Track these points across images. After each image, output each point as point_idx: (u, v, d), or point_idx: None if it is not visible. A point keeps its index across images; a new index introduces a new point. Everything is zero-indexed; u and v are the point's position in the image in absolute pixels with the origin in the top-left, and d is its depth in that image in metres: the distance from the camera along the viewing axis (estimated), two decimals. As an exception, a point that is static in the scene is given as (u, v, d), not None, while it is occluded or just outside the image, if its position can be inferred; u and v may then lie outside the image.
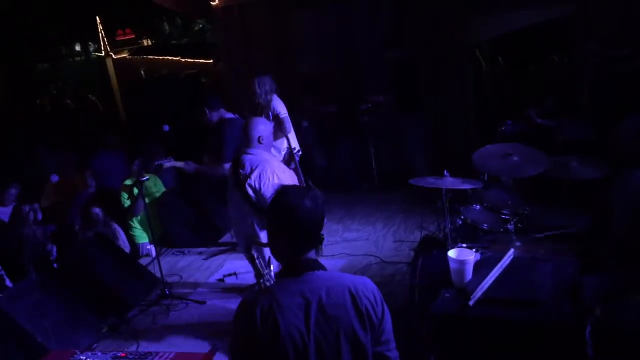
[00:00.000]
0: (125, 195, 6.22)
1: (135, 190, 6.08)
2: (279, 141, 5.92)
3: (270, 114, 5.73)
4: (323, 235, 4.38)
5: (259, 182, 3.95)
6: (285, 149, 5.64)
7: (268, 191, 3.90)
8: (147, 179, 5.73)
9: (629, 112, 3.37)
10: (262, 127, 4.09)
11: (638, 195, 3.03)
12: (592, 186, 3.93)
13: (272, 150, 5.68)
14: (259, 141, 4.05)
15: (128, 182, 6.26)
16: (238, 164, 4.03)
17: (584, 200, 4.04)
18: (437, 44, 6.97)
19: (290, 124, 5.71)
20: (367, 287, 1.95)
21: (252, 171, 3.96)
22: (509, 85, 7.11)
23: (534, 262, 3.24)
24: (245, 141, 4.08)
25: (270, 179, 3.95)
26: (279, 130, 5.73)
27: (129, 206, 6.19)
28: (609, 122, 3.72)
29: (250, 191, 3.94)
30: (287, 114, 5.75)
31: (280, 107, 5.73)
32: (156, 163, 4.70)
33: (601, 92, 5.91)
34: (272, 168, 4.00)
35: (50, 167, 6.81)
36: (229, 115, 4.74)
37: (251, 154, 4.03)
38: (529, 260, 3.28)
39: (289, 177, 4.05)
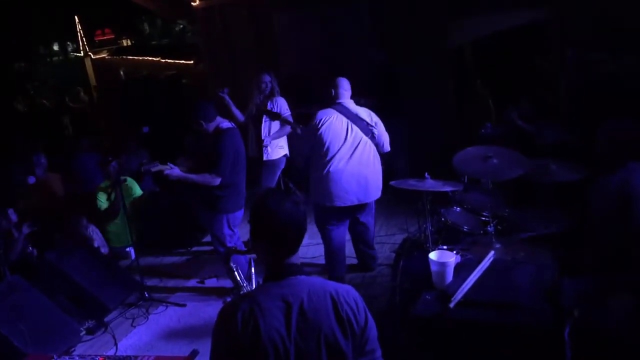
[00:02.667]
0: (103, 198, 6.14)
1: (113, 194, 6.02)
2: (282, 139, 6.04)
3: (276, 109, 5.87)
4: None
5: (379, 124, 4.78)
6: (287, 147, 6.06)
7: (383, 130, 4.79)
8: (125, 181, 5.66)
9: (606, 117, 3.41)
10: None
11: (614, 200, 3.07)
12: (571, 189, 3.97)
13: (277, 147, 5.97)
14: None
15: (104, 184, 6.18)
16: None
17: (563, 203, 4.09)
18: (417, 47, 7.01)
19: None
20: (349, 294, 1.95)
21: (370, 117, 4.72)
22: (489, 88, 7.16)
23: (513, 264, 3.27)
24: (338, 95, 4.76)
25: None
26: (281, 128, 5.90)
27: (107, 209, 6.11)
28: (587, 125, 3.77)
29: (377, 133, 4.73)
30: (290, 113, 5.96)
31: (285, 106, 5.94)
32: (144, 168, 4.63)
33: (579, 95, 5.98)
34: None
35: (24, 168, 6.69)
36: (226, 124, 4.63)
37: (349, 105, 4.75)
38: (508, 262, 3.32)
39: None
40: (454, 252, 3.36)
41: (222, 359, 1.89)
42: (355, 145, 4.66)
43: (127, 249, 6.18)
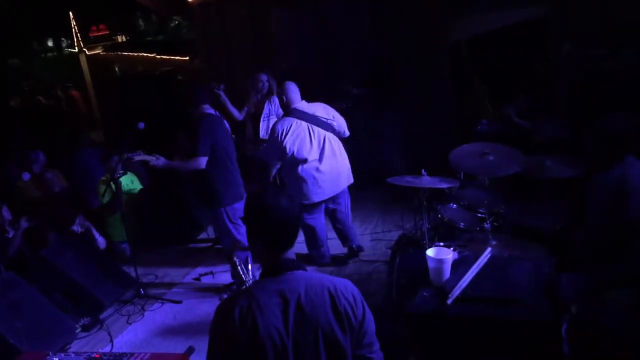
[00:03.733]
0: (102, 190, 6.09)
1: (113, 187, 5.98)
2: None
3: (274, 110, 5.92)
4: None
5: (336, 115, 5.03)
6: None
7: (341, 119, 5.07)
8: (122, 175, 5.62)
9: (602, 114, 3.42)
10: None
11: (613, 194, 3.08)
12: (568, 185, 3.98)
13: None
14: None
15: (106, 177, 6.14)
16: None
17: (560, 199, 4.09)
18: (415, 43, 7.01)
19: None
20: (347, 288, 1.95)
21: (326, 112, 4.98)
22: (486, 87, 7.16)
23: (510, 260, 3.27)
24: (290, 100, 4.90)
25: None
26: None
27: (107, 202, 6.07)
28: (584, 122, 3.77)
29: (336, 125, 5.00)
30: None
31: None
32: (125, 156, 4.65)
33: (577, 91, 5.98)
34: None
35: (21, 165, 6.64)
36: (210, 110, 4.68)
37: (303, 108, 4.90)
38: (505, 258, 3.32)
39: None
40: (451, 248, 3.35)
41: (220, 355, 1.89)
42: (322, 145, 4.90)
43: (123, 245, 6.15)
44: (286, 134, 4.80)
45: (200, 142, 4.45)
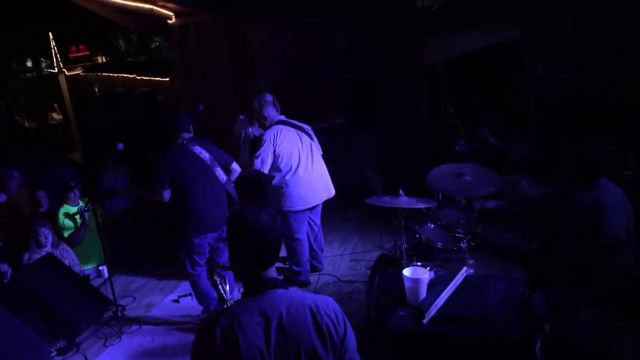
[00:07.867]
0: (69, 224, 6.03)
1: (78, 220, 5.96)
2: None
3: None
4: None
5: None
6: None
7: None
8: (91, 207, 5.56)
9: (573, 136, 3.50)
10: None
11: (584, 216, 3.14)
12: (543, 205, 4.05)
13: None
14: None
15: (67, 209, 6.08)
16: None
17: (534, 219, 4.16)
18: (391, 64, 7.12)
19: None
20: (328, 305, 1.95)
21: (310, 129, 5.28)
22: (463, 106, 7.28)
23: (485, 279, 3.31)
24: (272, 116, 5.10)
25: None
26: None
27: (70, 235, 5.98)
28: (556, 142, 3.86)
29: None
30: None
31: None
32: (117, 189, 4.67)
33: (548, 113, 6.11)
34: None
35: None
36: (181, 140, 4.49)
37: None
38: (481, 278, 3.36)
39: None
40: (428, 268, 3.39)
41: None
42: (310, 149, 5.10)
43: (100, 268, 6.09)
44: (277, 138, 4.94)
45: (156, 177, 4.37)
